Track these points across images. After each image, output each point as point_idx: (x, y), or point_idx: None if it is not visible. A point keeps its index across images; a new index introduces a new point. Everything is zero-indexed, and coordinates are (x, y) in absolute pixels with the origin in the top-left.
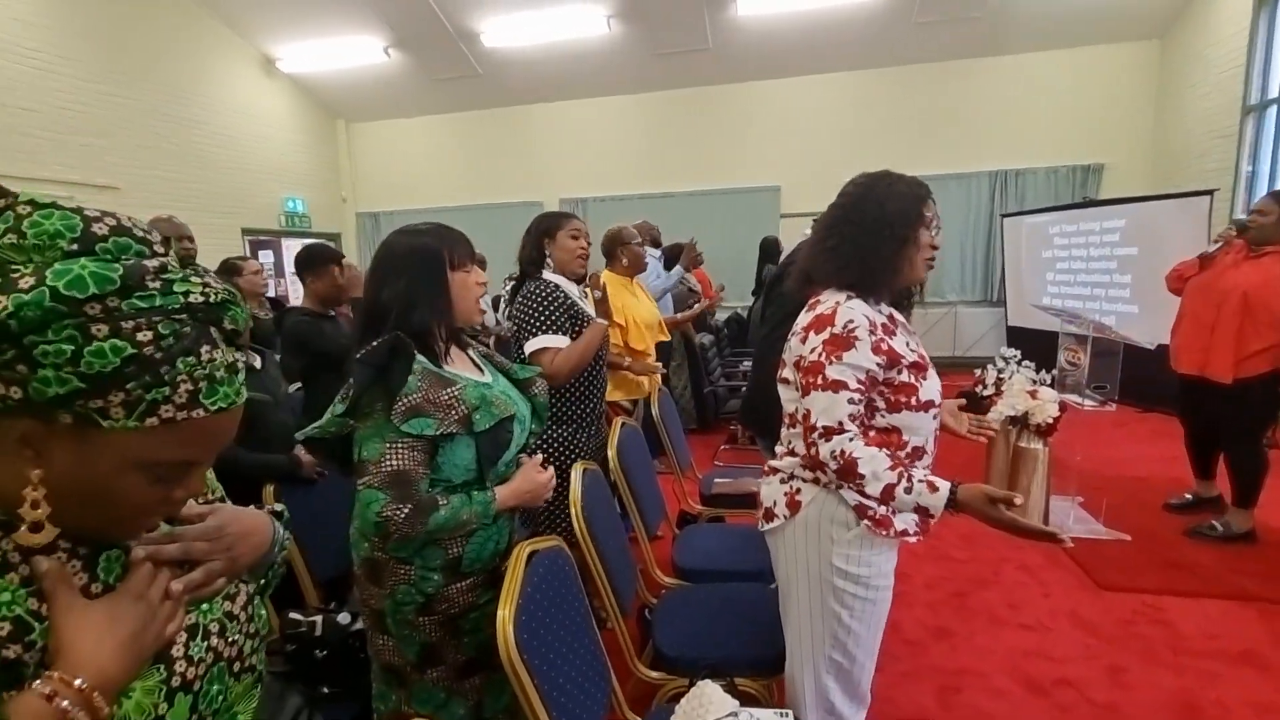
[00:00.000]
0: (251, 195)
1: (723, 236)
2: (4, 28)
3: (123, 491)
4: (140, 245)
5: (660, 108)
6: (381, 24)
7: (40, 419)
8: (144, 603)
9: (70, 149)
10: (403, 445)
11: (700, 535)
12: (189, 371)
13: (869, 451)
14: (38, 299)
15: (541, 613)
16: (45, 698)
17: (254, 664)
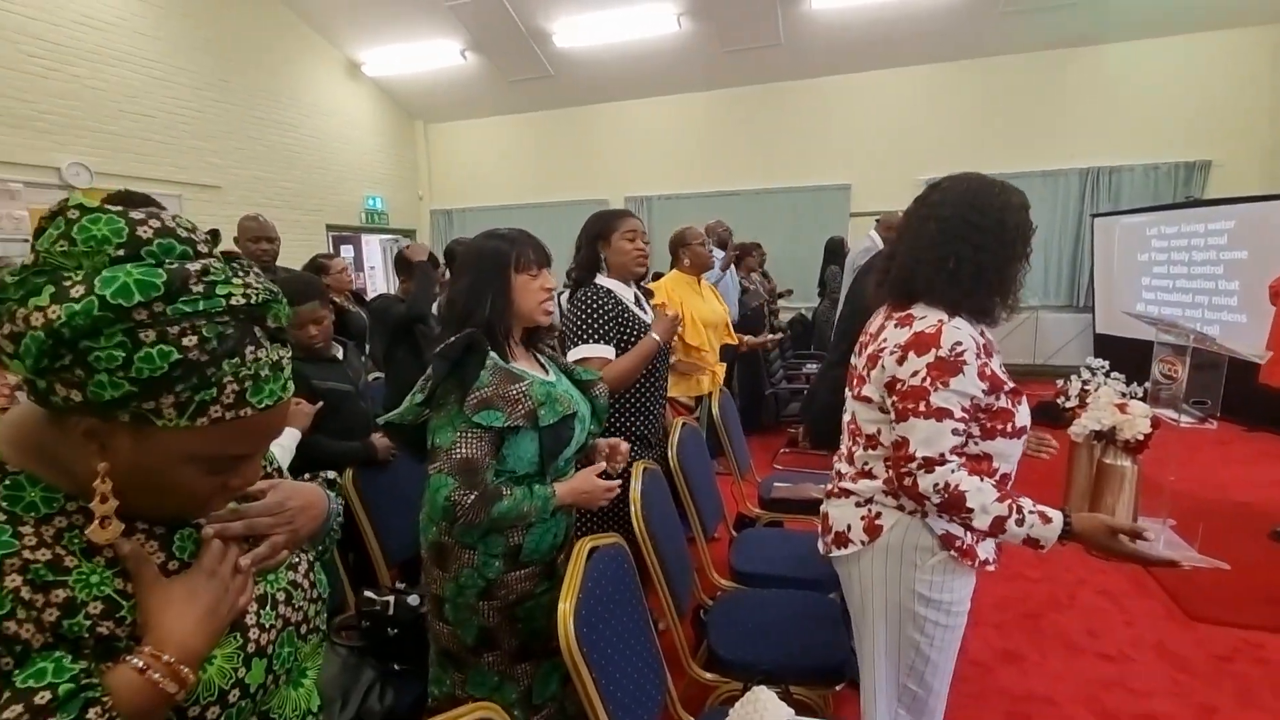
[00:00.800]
0: (335, 193)
1: (790, 236)
2: (129, 40)
3: (181, 482)
4: (184, 247)
5: (728, 105)
6: (459, 27)
7: (101, 417)
8: (217, 578)
9: (180, 151)
10: (472, 435)
11: (758, 539)
12: (234, 373)
13: (974, 483)
14: (87, 308)
15: (601, 607)
16: (138, 671)
17: (318, 625)
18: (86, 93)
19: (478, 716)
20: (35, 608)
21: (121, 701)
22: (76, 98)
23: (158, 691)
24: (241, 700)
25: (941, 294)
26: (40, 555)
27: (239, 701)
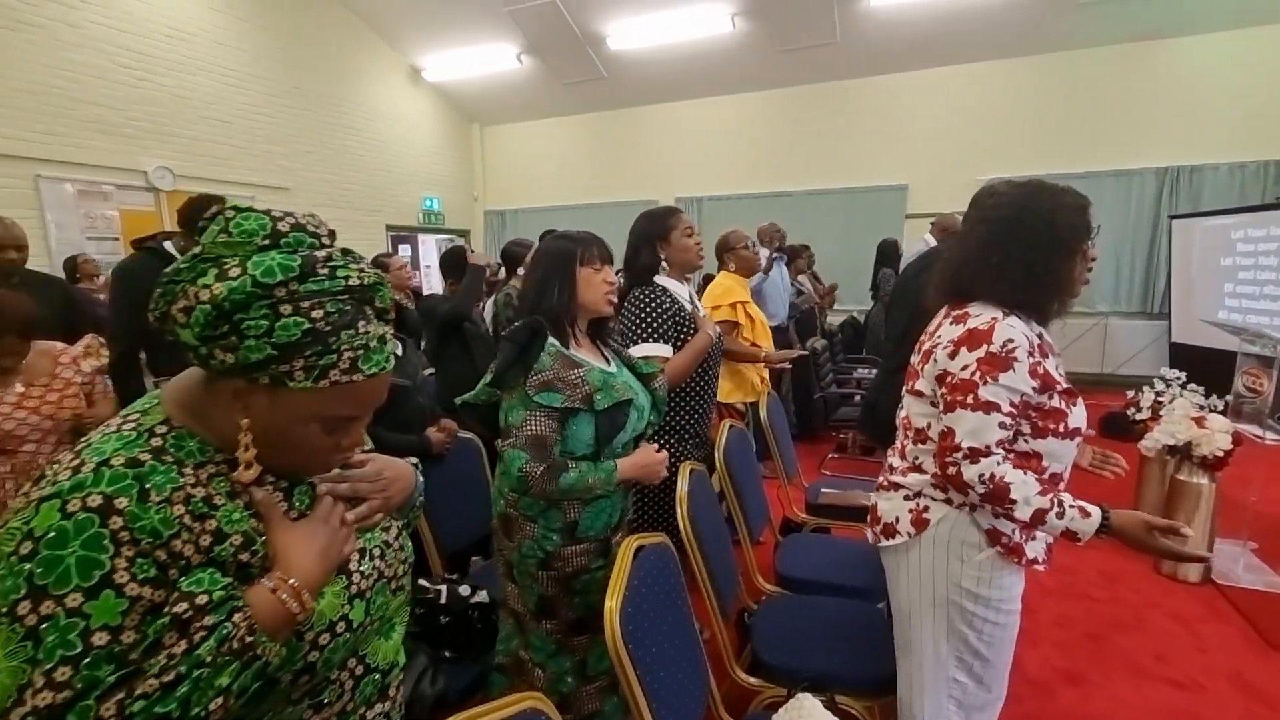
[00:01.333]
0: (395, 194)
1: (843, 237)
2: (211, 50)
3: (304, 438)
4: (312, 239)
5: (782, 105)
6: (515, 31)
7: (247, 380)
8: (329, 526)
9: (254, 155)
10: (540, 413)
11: (804, 545)
12: (350, 342)
13: (1019, 475)
14: (242, 285)
15: (647, 605)
16: (270, 590)
17: (405, 584)
18: (172, 100)
19: (525, 706)
20: (194, 532)
21: (257, 613)
22: (162, 105)
23: (284, 609)
24: (345, 633)
25: (992, 291)
26: (197, 492)
27: (344, 634)
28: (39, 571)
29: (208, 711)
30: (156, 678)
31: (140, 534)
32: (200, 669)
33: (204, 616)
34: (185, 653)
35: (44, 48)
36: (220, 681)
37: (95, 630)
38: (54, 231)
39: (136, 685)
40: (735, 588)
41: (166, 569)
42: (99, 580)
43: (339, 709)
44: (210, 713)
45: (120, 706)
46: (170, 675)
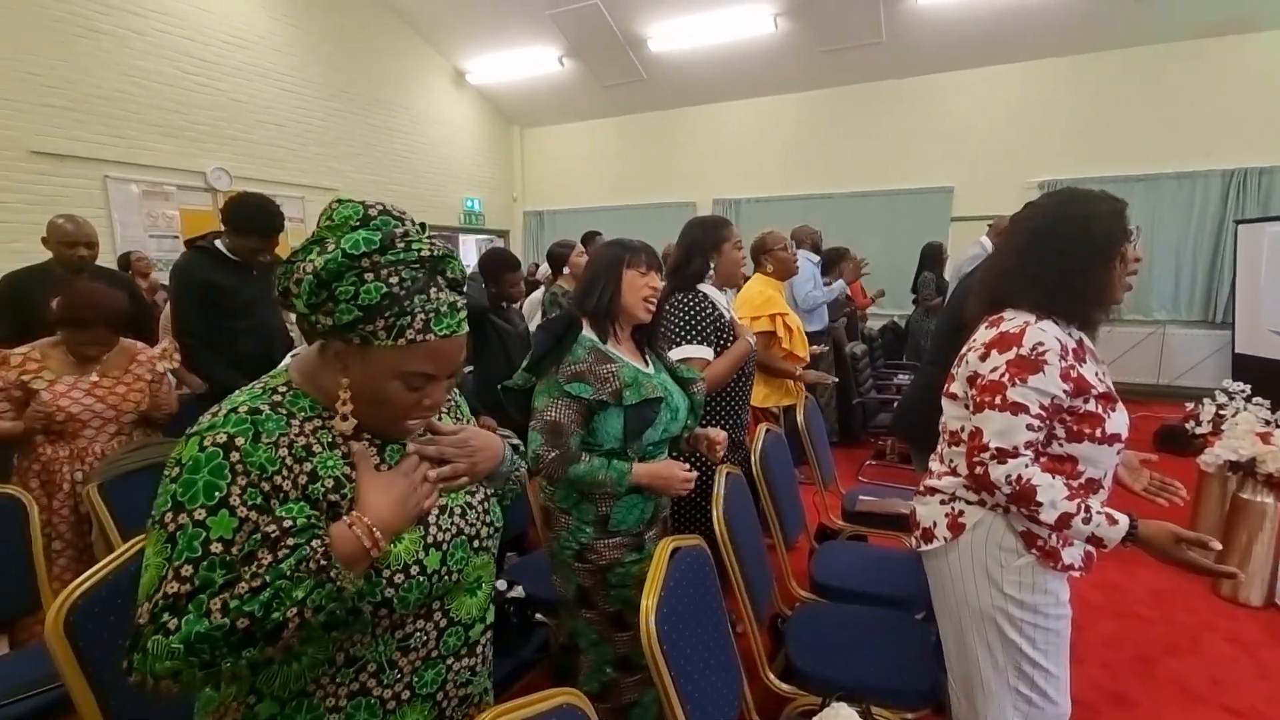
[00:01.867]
0: (438, 195)
1: (886, 240)
2: (267, 57)
3: (390, 394)
4: (395, 221)
5: (824, 106)
6: (558, 35)
7: (343, 340)
8: (409, 480)
9: (305, 157)
10: (563, 402)
11: (841, 552)
12: (422, 306)
13: (1046, 479)
14: (335, 257)
15: (681, 607)
16: (347, 525)
17: (489, 546)
18: (230, 105)
19: (561, 702)
20: (293, 471)
21: (334, 543)
22: (222, 109)
23: (357, 544)
24: (419, 577)
25: (1026, 298)
26: (299, 439)
27: (417, 577)
28: (179, 490)
29: (285, 618)
30: (248, 583)
31: (251, 467)
32: (281, 580)
33: (289, 538)
34: (270, 565)
35: (115, 55)
36: (296, 594)
37: (213, 540)
38: (119, 230)
39: (235, 588)
40: (769, 593)
41: (269, 498)
42: (218, 501)
43: (424, 655)
44: (287, 619)
45: (223, 603)
46: (257, 582)
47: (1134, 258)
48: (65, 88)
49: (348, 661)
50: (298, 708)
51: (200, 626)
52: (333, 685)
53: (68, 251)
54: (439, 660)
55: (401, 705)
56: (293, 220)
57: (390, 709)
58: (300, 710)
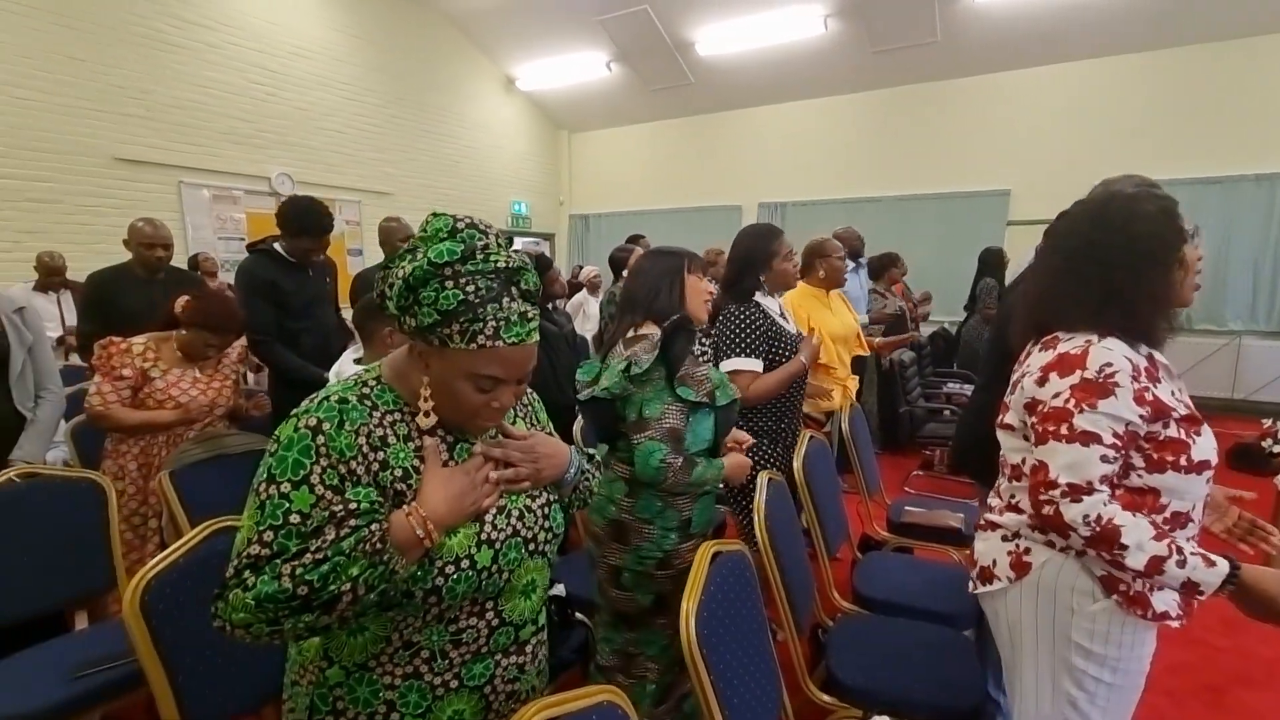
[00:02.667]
0: (486, 199)
1: (937, 245)
2: (329, 67)
3: (461, 393)
4: (480, 234)
5: (874, 107)
6: (606, 40)
7: (425, 341)
8: (469, 478)
9: (362, 162)
10: (677, 408)
11: (885, 564)
12: (494, 314)
13: (1129, 517)
14: (422, 264)
15: (721, 611)
16: (404, 515)
17: (546, 552)
18: (294, 113)
19: (602, 699)
20: (368, 459)
21: (392, 529)
22: (286, 118)
23: (411, 533)
24: (469, 570)
25: (1073, 321)
26: (378, 429)
27: (467, 570)
28: (273, 464)
29: (340, 591)
30: (312, 555)
31: (332, 451)
32: (339, 556)
33: (352, 519)
34: (333, 541)
35: (190, 68)
36: (352, 571)
37: (293, 512)
38: (191, 232)
39: (304, 557)
40: (810, 602)
41: (344, 481)
42: (301, 478)
43: (474, 649)
44: (342, 593)
45: (292, 570)
46: (320, 555)
47: (1196, 257)
48: (145, 98)
49: (404, 645)
50: (360, 679)
51: (270, 588)
52: (391, 664)
53: (146, 253)
54: (488, 655)
55: (450, 693)
56: (350, 223)
57: (439, 695)
58: (362, 682)
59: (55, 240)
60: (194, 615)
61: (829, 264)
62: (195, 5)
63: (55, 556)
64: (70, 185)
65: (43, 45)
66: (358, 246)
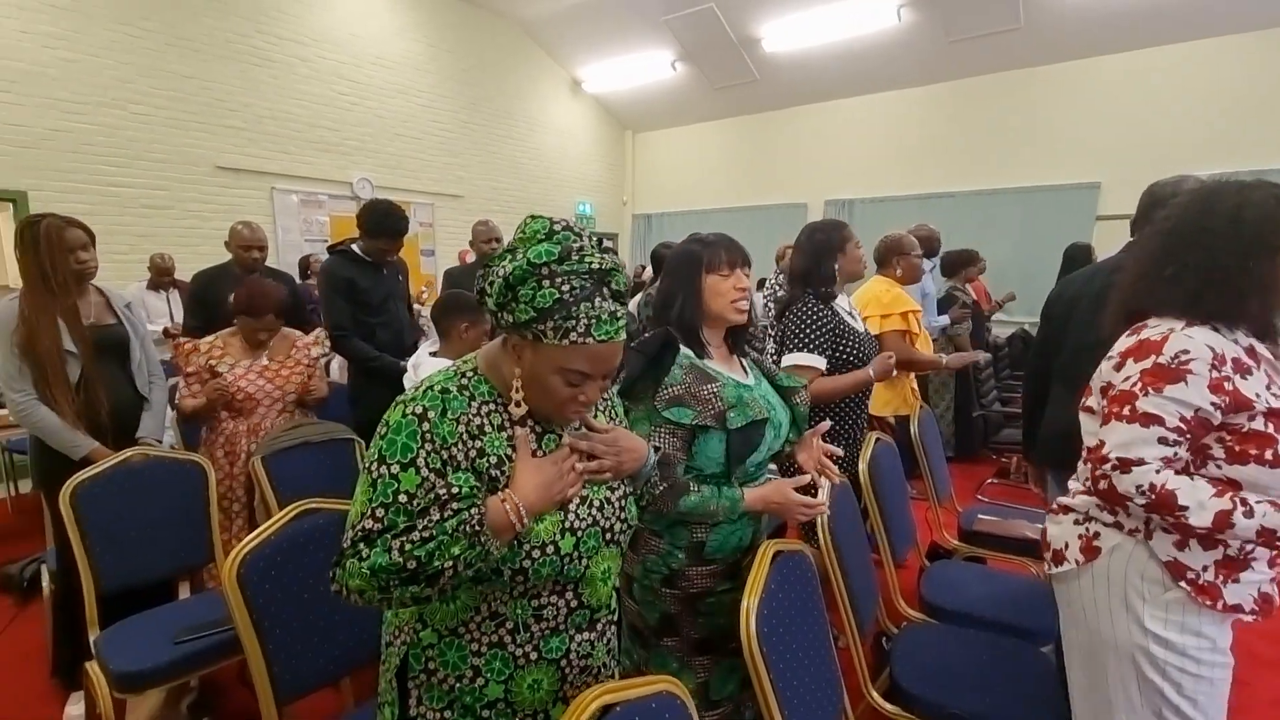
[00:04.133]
0: (552, 200)
1: (1018, 241)
2: (408, 75)
3: (552, 387)
4: (575, 236)
5: (948, 99)
6: (671, 40)
7: (520, 336)
8: (557, 468)
9: (436, 166)
10: (665, 430)
11: (955, 572)
12: (586, 313)
13: (1184, 480)
14: (521, 264)
15: (782, 611)
16: (500, 501)
17: (620, 542)
18: (375, 120)
19: (660, 688)
20: (467, 445)
21: (488, 513)
22: (367, 125)
23: (505, 518)
24: (553, 555)
25: (1168, 304)
26: (475, 418)
27: (551, 555)
28: (384, 445)
29: (441, 567)
30: (420, 532)
31: (436, 437)
32: (442, 535)
33: (454, 502)
34: (438, 521)
35: (284, 81)
36: (453, 550)
37: (401, 492)
38: (281, 235)
39: (411, 534)
40: (874, 608)
41: (445, 465)
42: (409, 460)
43: (553, 625)
44: (443, 569)
45: (400, 545)
46: (427, 533)
47: None
48: (243, 111)
49: (491, 616)
50: (450, 644)
51: (382, 560)
52: (478, 632)
53: (244, 254)
54: (563, 631)
55: (530, 664)
56: (423, 225)
57: (520, 665)
58: (451, 646)
59: (165, 243)
60: (283, 588)
61: (907, 262)
62: (289, 22)
63: (166, 530)
64: (178, 193)
65: (157, 64)
66: (430, 247)
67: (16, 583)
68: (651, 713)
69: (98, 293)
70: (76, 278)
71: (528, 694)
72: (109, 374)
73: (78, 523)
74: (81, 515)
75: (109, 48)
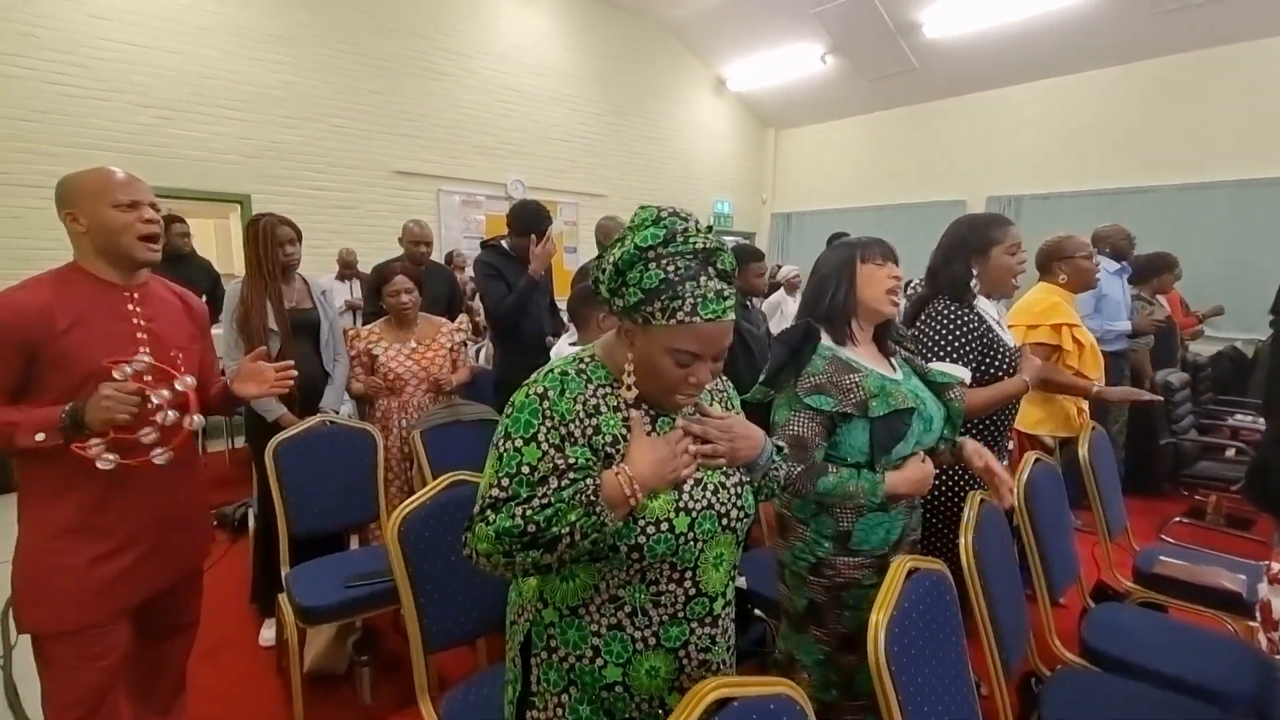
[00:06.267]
0: (690, 198)
1: (1229, 244)
2: (558, 82)
3: (663, 368)
4: (680, 220)
5: (1147, 80)
6: (821, 32)
7: (630, 320)
8: (670, 448)
9: (582, 167)
10: (804, 415)
11: (1126, 617)
12: (692, 292)
13: None
14: (629, 249)
15: (915, 632)
16: (614, 474)
17: (736, 529)
18: (529, 125)
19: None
20: (583, 424)
21: (604, 485)
22: (522, 130)
23: (619, 490)
24: (667, 533)
25: None
26: (591, 399)
27: (666, 533)
28: (509, 423)
29: (559, 533)
30: (539, 500)
31: (555, 414)
32: (560, 503)
33: (571, 472)
34: (556, 489)
35: (454, 92)
36: (570, 517)
37: (524, 463)
38: (444, 232)
39: (533, 501)
40: (1023, 646)
41: (564, 440)
42: (530, 435)
43: (671, 612)
44: (560, 535)
45: (523, 510)
46: (545, 500)
47: None
48: (419, 120)
49: (610, 599)
50: (570, 623)
51: (507, 524)
52: (599, 614)
53: (414, 249)
54: (684, 621)
55: (648, 649)
56: (568, 224)
57: (638, 649)
58: (572, 625)
59: (350, 239)
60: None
61: (1071, 266)
62: (461, 38)
63: (342, 488)
64: (362, 194)
65: (353, 83)
66: (573, 245)
67: (229, 521)
68: (768, 713)
69: (301, 280)
70: (284, 267)
71: (645, 680)
72: (302, 351)
73: (277, 475)
74: (280, 468)
75: (317, 70)
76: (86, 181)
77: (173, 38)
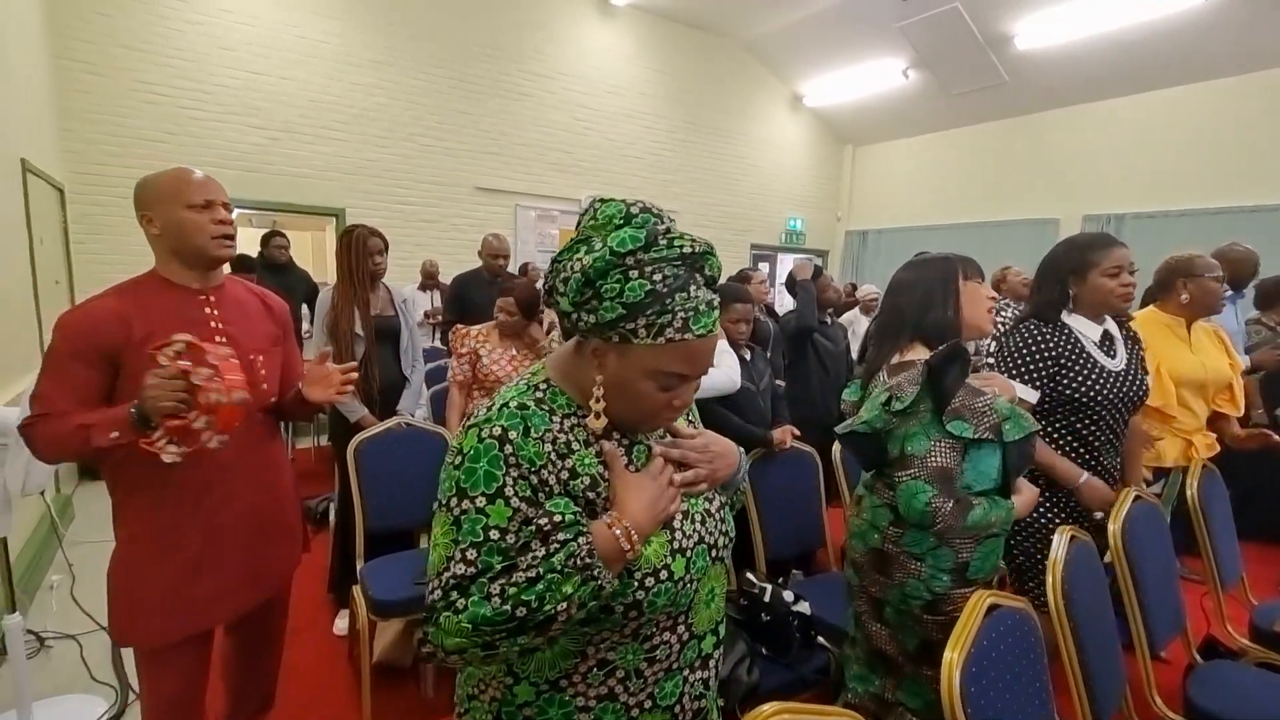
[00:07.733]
0: (763, 215)
1: None
2: (633, 100)
3: (643, 392)
4: (655, 218)
5: (1268, 89)
6: (905, 46)
7: (602, 338)
8: (657, 483)
9: (654, 184)
10: (945, 444)
11: (1240, 676)
12: (682, 304)
13: None
14: (603, 255)
15: (995, 673)
16: (607, 525)
17: (723, 557)
18: (604, 143)
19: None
20: (556, 466)
21: (596, 541)
22: (597, 148)
23: (616, 544)
24: (666, 581)
25: None
26: (561, 435)
27: (665, 582)
28: (461, 477)
29: (555, 610)
30: (524, 572)
31: (522, 460)
32: (552, 573)
33: (559, 532)
34: (544, 557)
35: (534, 112)
36: (565, 589)
37: (491, 527)
38: (520, 246)
39: (513, 575)
40: (1118, 701)
41: (537, 492)
42: (495, 490)
43: (667, 665)
44: (557, 613)
45: (502, 589)
46: (533, 573)
47: None
48: (500, 138)
49: (600, 665)
50: (550, 699)
51: (484, 610)
52: (584, 684)
53: (492, 261)
54: (678, 672)
55: (644, 713)
56: None
57: (634, 716)
58: (553, 703)
59: (433, 251)
60: None
61: (1199, 286)
62: (544, 60)
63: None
64: (445, 209)
65: (443, 104)
66: None
67: (311, 514)
68: None
69: (386, 289)
70: (372, 276)
71: None
72: (384, 356)
73: (357, 472)
74: (361, 466)
75: (410, 92)
76: (162, 183)
77: (287, 65)
